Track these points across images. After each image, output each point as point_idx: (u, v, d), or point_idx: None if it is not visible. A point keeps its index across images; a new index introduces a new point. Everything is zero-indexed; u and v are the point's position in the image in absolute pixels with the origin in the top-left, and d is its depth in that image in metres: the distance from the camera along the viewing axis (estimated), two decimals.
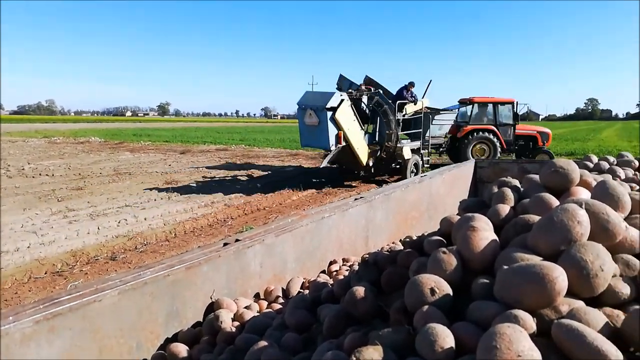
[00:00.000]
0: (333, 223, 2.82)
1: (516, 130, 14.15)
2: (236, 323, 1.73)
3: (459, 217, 1.37)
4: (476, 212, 1.39)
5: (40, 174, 13.23)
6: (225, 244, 2.09)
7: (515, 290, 0.92)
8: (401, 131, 11.83)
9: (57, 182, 11.77)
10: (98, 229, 7.13)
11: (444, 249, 1.11)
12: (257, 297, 2.19)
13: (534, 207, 1.27)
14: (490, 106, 14.24)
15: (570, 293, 0.95)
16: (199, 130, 47.79)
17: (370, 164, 11.12)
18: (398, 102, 11.39)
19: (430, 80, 13.72)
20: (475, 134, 13.81)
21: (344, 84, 12.39)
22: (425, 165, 12.41)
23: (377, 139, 11.33)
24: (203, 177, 13.08)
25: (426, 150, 12.58)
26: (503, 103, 14.18)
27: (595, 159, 2.51)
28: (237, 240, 2.14)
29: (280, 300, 2.06)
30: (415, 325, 0.97)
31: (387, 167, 11.90)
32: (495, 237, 1.14)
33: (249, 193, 10.41)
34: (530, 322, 0.86)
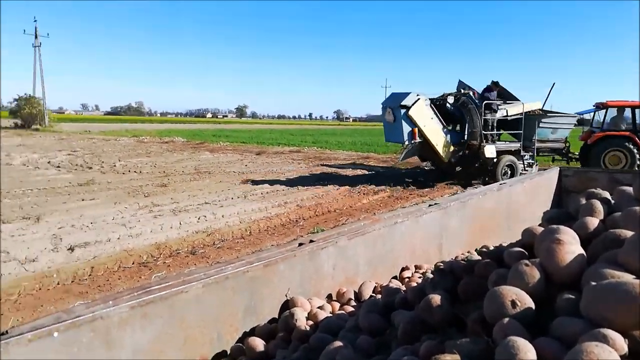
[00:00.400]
0: (406, 229, 2.80)
1: None
2: (310, 322, 1.78)
3: (542, 228, 1.33)
4: (561, 224, 1.34)
5: (129, 171, 14.28)
6: (300, 244, 2.15)
7: (604, 308, 0.88)
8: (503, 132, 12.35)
9: (144, 179, 12.63)
10: (180, 224, 7.57)
11: (527, 261, 1.08)
12: (329, 298, 2.23)
13: (626, 222, 1.20)
14: (628, 111, 12.87)
15: None
16: (274, 132, 49.15)
17: (453, 160, 11.71)
18: (485, 102, 11.37)
19: (554, 83, 13.23)
20: (608, 140, 12.54)
21: (461, 88, 12.82)
22: (528, 169, 11.93)
23: (466, 137, 11.64)
24: (277, 177, 13.45)
25: (530, 153, 12.19)
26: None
27: None
28: (311, 241, 2.19)
29: (353, 302, 2.09)
30: (495, 337, 0.95)
31: (471, 165, 12.09)
32: (582, 251, 1.10)
33: (321, 195, 10.55)
34: (621, 342, 0.82)
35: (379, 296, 2.04)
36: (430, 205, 3.16)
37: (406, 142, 10.91)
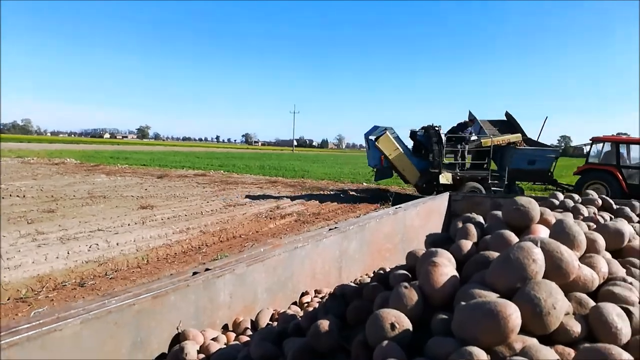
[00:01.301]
0: (306, 253, 2.82)
1: None
2: (202, 355, 1.70)
3: (424, 251, 1.40)
4: (442, 247, 1.43)
5: (10, 195, 12.88)
6: (194, 273, 2.07)
7: (471, 327, 0.94)
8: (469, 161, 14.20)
9: (28, 204, 11.46)
10: (68, 253, 6.94)
11: (406, 284, 1.13)
12: (225, 328, 2.16)
13: (495, 244, 1.31)
14: (615, 146, 13.31)
15: (524, 330, 0.98)
16: (178, 154, 47.47)
17: (419, 184, 13.95)
18: (456, 136, 13.55)
19: (546, 117, 14.55)
20: (591, 173, 13.31)
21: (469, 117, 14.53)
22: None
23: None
24: (179, 202, 12.93)
25: (496, 181, 13.45)
26: (632, 142, 13.11)
27: (561, 196, 2.59)
28: (207, 270, 2.12)
29: (249, 332, 2.04)
30: (375, 359, 0.98)
31: (432, 189, 13.57)
32: (455, 273, 1.17)
33: (226, 220, 10.31)
34: (484, 358, 0.88)
35: (276, 324, 2.02)
36: (330, 229, 3.22)
37: (375, 167, 13.94)
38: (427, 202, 5.04)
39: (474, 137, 13.98)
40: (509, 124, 14.67)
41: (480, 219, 1.64)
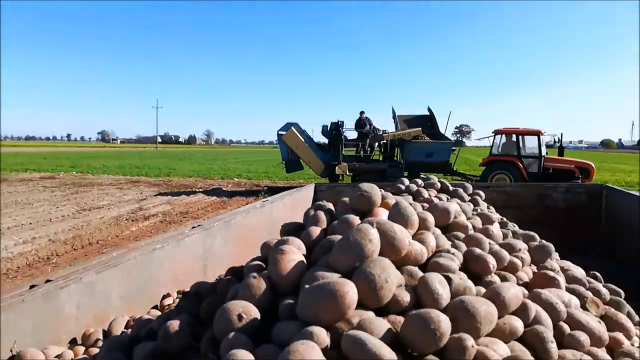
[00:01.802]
0: (166, 254, 2.69)
1: (552, 163, 13.64)
2: None
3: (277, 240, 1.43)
4: (295, 235, 1.47)
5: None
6: (32, 286, 1.85)
7: (313, 308, 0.99)
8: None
9: None
10: None
11: (255, 274, 1.14)
12: (74, 342, 1.97)
13: (340, 228, 1.39)
14: (514, 137, 13.96)
15: (362, 305, 1.05)
16: (20, 156, 41.75)
17: (323, 176, 14.63)
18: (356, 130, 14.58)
19: (450, 112, 15.60)
20: (495, 164, 13.86)
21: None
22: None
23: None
24: (21, 209, 11.43)
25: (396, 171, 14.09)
26: (528, 134, 13.85)
27: (407, 182, 2.84)
28: (47, 281, 1.91)
29: (100, 343, 1.89)
30: (221, 353, 0.97)
31: (336, 179, 14.38)
32: (302, 259, 1.22)
33: (81, 225, 9.39)
34: (324, 336, 0.93)
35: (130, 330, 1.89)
36: (193, 228, 3.12)
37: (284, 160, 14.79)
38: (294, 193, 5.15)
39: (381, 132, 14.93)
40: (428, 118, 15.58)
41: (331, 206, 1.72)
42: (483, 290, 1.27)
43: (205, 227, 3.18)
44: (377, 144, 15.15)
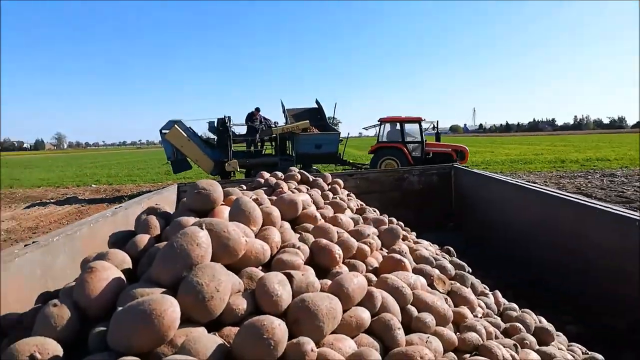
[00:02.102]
0: None
1: (431, 148, 14.51)
2: None
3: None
4: (124, 245, 1.27)
5: None
6: None
7: (125, 334, 0.82)
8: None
9: None
10: None
11: (55, 301, 0.93)
12: None
13: (172, 233, 1.22)
14: (398, 125, 14.60)
15: (190, 321, 0.91)
16: None
17: (214, 174, 14.01)
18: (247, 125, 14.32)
19: (335, 104, 15.66)
20: (383, 151, 14.22)
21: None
22: None
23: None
24: None
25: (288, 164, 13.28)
26: (410, 122, 14.56)
27: (267, 175, 2.74)
28: None
29: None
30: None
31: (228, 177, 13.76)
32: (119, 275, 1.03)
33: None
34: None
35: None
36: (26, 245, 2.66)
37: (169, 159, 13.98)
38: (153, 196, 4.75)
39: (271, 126, 14.94)
40: (317, 111, 15.76)
41: (167, 208, 1.54)
42: (329, 283, 1.21)
43: (42, 244, 2.74)
44: (268, 138, 15.00)
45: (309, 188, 2.56)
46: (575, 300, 2.69)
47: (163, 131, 13.97)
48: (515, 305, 2.09)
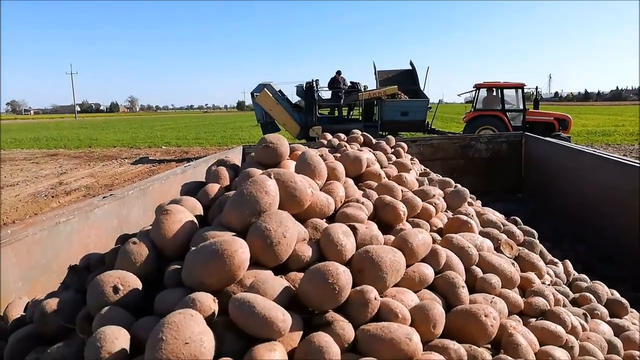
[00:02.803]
0: (73, 228, 2.44)
1: (531, 117, 13.31)
2: None
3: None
4: (195, 194, 1.33)
5: None
6: None
7: (198, 272, 0.87)
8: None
9: None
10: None
11: (135, 239, 1.00)
12: None
13: (240, 182, 1.26)
14: (498, 91, 13.43)
15: (258, 264, 0.95)
16: None
17: (299, 138, 14.00)
18: (332, 90, 13.97)
19: (428, 68, 14.59)
20: (480, 119, 13.27)
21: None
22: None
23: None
24: None
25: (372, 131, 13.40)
26: (510, 87, 13.37)
27: (329, 137, 2.75)
28: None
29: None
30: (93, 331, 0.84)
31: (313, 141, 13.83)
32: (192, 219, 1.08)
33: None
34: (209, 302, 0.82)
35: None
36: (104, 197, 2.87)
37: (259, 122, 14.44)
38: (220, 157, 4.93)
39: (356, 91, 14.32)
40: (410, 74, 14.99)
41: (236, 161, 1.59)
42: (393, 239, 1.21)
43: (118, 197, 2.93)
44: (354, 103, 14.62)
45: (371, 150, 2.54)
46: None
47: (253, 94, 14.19)
48: (585, 277, 1.99)
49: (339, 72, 14.68)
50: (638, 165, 2.83)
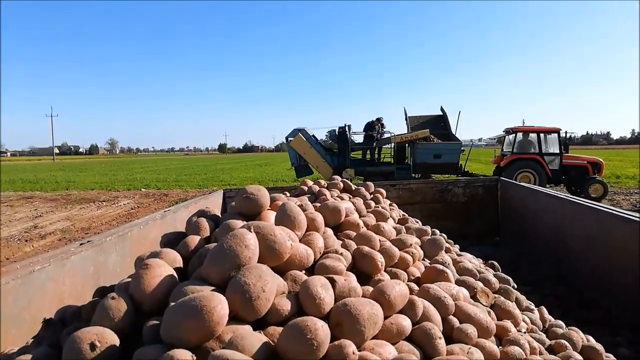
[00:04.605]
0: (48, 276, 2.39)
1: (565, 161, 13.36)
2: None
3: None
4: (176, 245, 1.34)
5: None
6: None
7: (177, 328, 0.87)
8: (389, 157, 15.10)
9: None
10: None
11: (113, 294, 1.00)
12: None
13: (220, 235, 1.28)
14: (534, 135, 13.61)
15: (237, 318, 0.96)
16: None
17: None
18: (365, 134, 14.52)
19: (460, 112, 14.88)
20: (518, 163, 13.31)
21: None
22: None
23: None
24: None
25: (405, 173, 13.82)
26: (548, 132, 13.57)
27: (310, 183, 2.79)
28: None
29: None
30: None
31: None
32: (172, 273, 1.09)
33: None
34: (187, 359, 0.82)
35: None
36: (81, 244, 2.82)
37: (293, 165, 14.97)
38: (200, 201, 4.92)
39: (387, 135, 14.78)
40: (441, 119, 15.35)
41: (217, 211, 1.60)
42: (371, 290, 1.23)
43: (95, 243, 2.89)
44: (386, 146, 15.03)
45: (351, 197, 2.58)
46: (629, 322, 2.57)
47: (289, 139, 14.79)
48: (561, 322, 2.02)
49: (378, 119, 15.19)
50: (609, 210, 2.93)
